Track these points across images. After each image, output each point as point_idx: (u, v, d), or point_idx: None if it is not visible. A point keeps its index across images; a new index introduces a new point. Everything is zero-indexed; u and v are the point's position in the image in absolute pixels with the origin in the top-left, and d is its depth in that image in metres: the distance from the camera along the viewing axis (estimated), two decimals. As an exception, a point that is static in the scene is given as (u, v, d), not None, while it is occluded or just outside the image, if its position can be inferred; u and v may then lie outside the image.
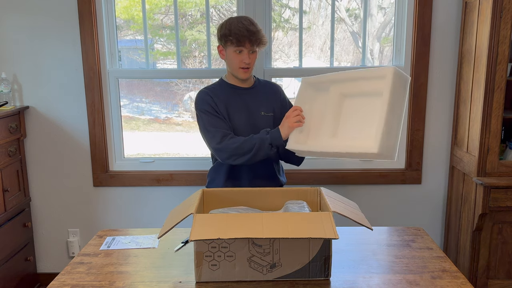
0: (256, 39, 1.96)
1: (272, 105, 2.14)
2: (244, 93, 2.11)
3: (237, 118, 2.07)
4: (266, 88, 2.17)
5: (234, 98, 2.08)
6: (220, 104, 2.06)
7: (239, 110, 2.08)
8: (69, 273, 1.58)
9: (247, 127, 2.07)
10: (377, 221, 2.89)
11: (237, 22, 1.96)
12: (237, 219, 1.48)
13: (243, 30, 1.94)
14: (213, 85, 2.15)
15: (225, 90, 2.10)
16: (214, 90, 2.10)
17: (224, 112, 2.06)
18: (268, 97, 2.15)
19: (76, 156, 2.87)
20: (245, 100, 2.09)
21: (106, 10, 2.74)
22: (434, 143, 2.83)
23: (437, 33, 2.69)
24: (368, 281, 1.51)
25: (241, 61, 1.99)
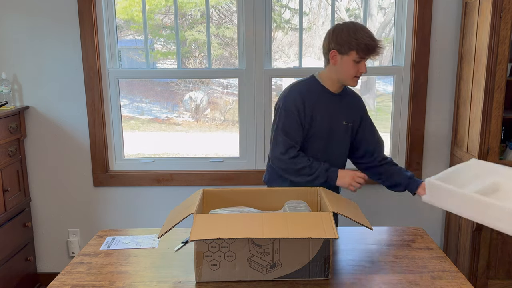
0: (379, 51, 1.93)
1: (353, 116, 2.09)
2: (333, 98, 2.04)
3: (320, 122, 2.01)
4: (351, 97, 2.13)
5: (322, 102, 2.02)
6: (308, 107, 1.99)
7: (324, 114, 2.01)
8: (69, 273, 1.58)
9: (326, 133, 2.03)
10: (377, 221, 2.88)
11: (362, 32, 1.90)
12: (237, 219, 1.48)
13: (374, 44, 1.90)
14: (307, 82, 2.05)
15: (316, 91, 2.02)
16: (307, 89, 2.02)
17: (309, 114, 1.99)
18: (352, 107, 2.10)
19: (76, 156, 2.87)
20: (331, 106, 2.03)
21: (106, 10, 2.74)
22: (434, 143, 2.83)
23: (437, 33, 2.69)
24: (368, 281, 1.51)
25: (358, 70, 1.94)
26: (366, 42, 1.89)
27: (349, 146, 2.14)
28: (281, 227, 1.41)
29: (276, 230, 1.40)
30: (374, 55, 1.94)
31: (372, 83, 3.27)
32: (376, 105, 3.29)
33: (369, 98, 3.33)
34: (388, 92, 3.02)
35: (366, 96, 3.36)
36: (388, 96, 3.00)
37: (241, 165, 2.91)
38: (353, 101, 2.13)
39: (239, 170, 2.89)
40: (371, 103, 3.31)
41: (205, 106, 3.24)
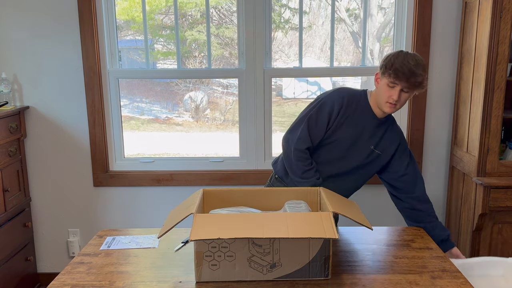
0: (413, 82, 1.84)
1: (386, 147, 2.02)
2: (371, 121, 2.00)
3: (346, 133, 1.98)
4: (391, 128, 2.05)
5: (360, 118, 1.99)
6: (344, 114, 1.97)
7: (353, 129, 1.98)
8: (69, 273, 1.58)
9: (350, 148, 1.99)
10: (377, 221, 2.88)
11: (404, 58, 1.85)
12: (237, 219, 1.48)
13: (405, 68, 1.83)
14: (356, 93, 2.03)
15: (359, 106, 2.00)
16: (354, 98, 2.00)
17: (339, 122, 1.97)
18: (388, 137, 2.03)
19: (76, 156, 2.87)
20: (367, 127, 1.99)
21: (106, 10, 2.74)
22: (434, 143, 2.83)
23: (437, 33, 2.69)
24: (368, 281, 1.51)
25: (390, 96, 1.88)
26: (398, 67, 1.83)
27: (368, 176, 2.08)
28: (281, 227, 1.41)
29: (276, 230, 1.40)
30: (409, 85, 1.85)
31: (372, 83, 3.27)
32: (376, 105, 3.29)
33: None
34: (388, 92, 3.01)
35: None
36: (388, 96, 3.00)
37: (241, 165, 2.91)
38: (392, 133, 2.04)
39: (239, 170, 2.89)
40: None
41: (205, 106, 3.24)
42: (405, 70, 1.83)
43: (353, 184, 2.10)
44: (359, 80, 3.29)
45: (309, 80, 3.14)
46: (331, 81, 3.41)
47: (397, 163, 2.03)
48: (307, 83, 3.28)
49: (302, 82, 3.24)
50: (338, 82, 3.41)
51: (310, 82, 3.22)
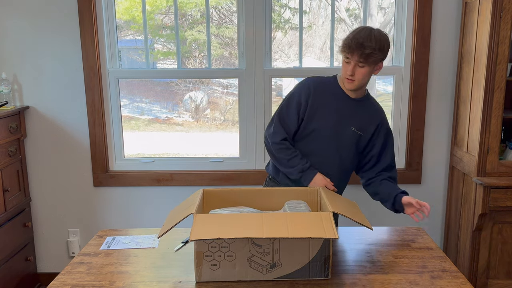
0: (363, 54, 1.85)
1: (366, 127, 2.03)
2: (346, 101, 2.01)
3: (324, 121, 2.00)
4: (370, 107, 2.06)
5: (333, 101, 2.01)
6: (315, 102, 1.99)
7: (331, 115, 2.00)
8: (69, 273, 1.58)
9: (331, 133, 2.00)
10: (377, 221, 2.88)
11: (356, 33, 1.87)
12: (237, 219, 1.48)
13: (354, 41, 1.85)
14: (326, 79, 2.07)
15: (330, 89, 2.03)
16: (321, 85, 2.03)
17: (313, 110, 1.99)
18: (366, 117, 2.03)
19: (76, 156, 2.87)
20: (342, 109, 2.01)
21: (106, 10, 2.74)
22: (434, 143, 2.83)
23: (437, 33, 2.69)
24: (368, 281, 1.51)
25: (346, 71, 1.91)
26: (349, 41, 1.86)
27: (356, 157, 2.09)
28: (281, 227, 1.41)
29: (276, 230, 1.40)
30: (359, 58, 1.86)
31: (372, 83, 3.27)
32: (376, 105, 3.29)
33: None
34: (388, 92, 3.02)
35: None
36: (388, 96, 3.00)
37: (241, 165, 2.91)
38: (370, 112, 2.05)
39: (239, 170, 2.89)
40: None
41: (205, 106, 3.24)
42: (354, 43, 1.85)
43: (341, 168, 2.09)
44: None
45: (309, 80, 3.13)
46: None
47: (375, 143, 2.05)
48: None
49: (302, 82, 3.23)
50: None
51: (310, 82, 3.21)
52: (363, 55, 1.85)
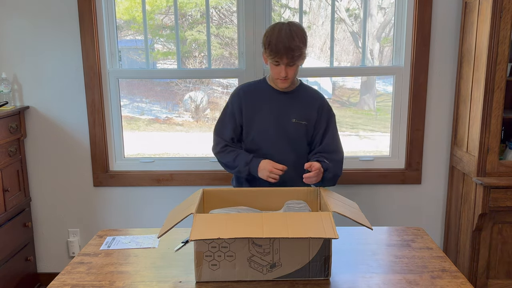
0: (292, 56, 1.90)
1: (307, 114, 2.07)
2: (280, 97, 2.06)
3: (263, 121, 2.05)
4: (306, 95, 2.10)
5: (267, 101, 2.06)
6: (248, 106, 2.06)
7: (268, 113, 2.05)
8: (69, 273, 1.58)
9: (274, 131, 2.05)
10: (377, 221, 2.88)
11: (277, 35, 1.89)
12: (237, 219, 1.48)
13: (280, 46, 1.88)
14: (255, 82, 2.15)
15: (261, 90, 2.09)
16: (250, 89, 2.10)
17: (248, 114, 2.06)
18: (305, 105, 2.07)
19: (76, 156, 2.87)
20: (278, 105, 2.06)
21: (106, 10, 2.74)
22: (434, 143, 2.83)
23: (437, 33, 2.69)
24: (368, 281, 1.51)
25: (278, 73, 1.96)
26: (275, 46, 1.88)
27: (307, 145, 2.11)
28: (281, 227, 1.41)
29: (276, 230, 1.40)
30: (290, 61, 1.90)
31: (372, 83, 3.27)
32: (376, 105, 3.29)
33: (369, 98, 3.33)
34: (388, 92, 3.02)
35: (366, 96, 3.36)
36: (388, 96, 3.00)
37: (241, 165, 2.90)
38: (309, 100, 2.09)
39: (239, 170, 2.88)
40: (371, 103, 3.31)
41: (205, 106, 3.24)
42: (281, 47, 1.88)
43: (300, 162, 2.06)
44: (359, 80, 3.29)
45: (309, 80, 3.13)
46: (331, 81, 3.41)
47: (319, 127, 2.08)
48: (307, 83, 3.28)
49: (302, 82, 3.23)
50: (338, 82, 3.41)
51: (310, 82, 3.22)
52: (293, 57, 1.90)
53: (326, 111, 2.10)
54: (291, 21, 1.99)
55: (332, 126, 2.10)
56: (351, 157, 2.91)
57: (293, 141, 2.07)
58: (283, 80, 1.97)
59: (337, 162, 2.04)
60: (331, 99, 3.47)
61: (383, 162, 2.89)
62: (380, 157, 2.92)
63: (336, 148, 2.09)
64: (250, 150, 2.10)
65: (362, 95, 3.38)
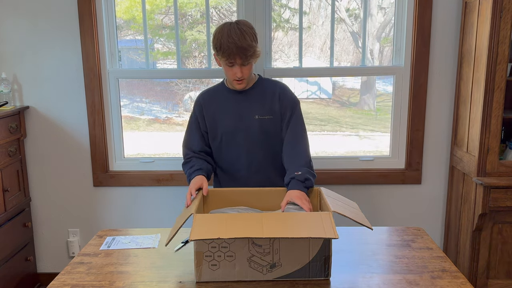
0: (246, 56, 1.87)
1: (270, 108, 2.03)
2: (239, 97, 2.06)
3: (227, 123, 2.05)
4: (265, 90, 2.06)
5: (227, 103, 2.06)
6: (209, 111, 2.07)
7: (230, 115, 2.05)
8: (69, 273, 1.58)
9: (238, 131, 2.04)
10: (377, 221, 2.89)
11: (228, 36, 1.86)
12: (237, 219, 1.48)
13: (232, 46, 1.85)
14: (213, 87, 2.16)
15: (221, 94, 2.09)
16: (209, 94, 2.11)
17: (211, 118, 2.07)
18: (266, 99, 2.04)
19: (76, 156, 2.87)
20: (239, 104, 2.05)
21: (106, 10, 2.74)
22: (434, 143, 2.83)
23: (437, 33, 2.69)
24: (368, 281, 1.51)
25: (233, 74, 1.93)
26: (226, 48, 1.85)
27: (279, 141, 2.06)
28: (281, 227, 1.41)
29: (276, 230, 1.40)
30: (243, 60, 1.87)
31: (372, 83, 3.27)
32: (376, 105, 3.29)
33: (369, 98, 3.33)
34: (388, 92, 3.02)
35: (366, 96, 3.36)
36: (388, 96, 3.00)
37: (241, 165, 2.91)
38: (268, 94, 2.04)
39: (239, 170, 2.89)
40: (371, 103, 3.31)
41: (205, 106, 3.24)
42: (234, 48, 1.85)
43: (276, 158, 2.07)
44: (359, 80, 3.29)
45: (309, 80, 3.14)
46: (331, 81, 3.41)
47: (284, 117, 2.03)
48: (307, 83, 3.28)
49: (302, 82, 3.24)
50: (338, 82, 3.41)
51: (310, 82, 3.22)
52: (246, 57, 1.88)
53: (287, 100, 2.04)
54: (239, 20, 1.96)
55: (296, 115, 2.03)
56: (351, 157, 2.91)
57: (262, 138, 2.04)
58: (239, 81, 1.95)
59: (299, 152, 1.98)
60: (331, 99, 3.47)
61: (383, 162, 2.89)
62: (380, 157, 2.92)
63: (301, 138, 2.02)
64: (219, 155, 2.10)
65: (362, 95, 3.38)
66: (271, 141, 2.06)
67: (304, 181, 1.83)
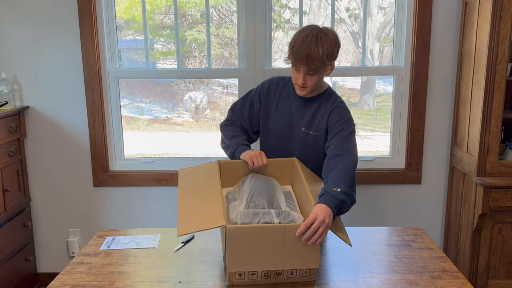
0: (311, 66, 1.75)
1: (318, 125, 1.90)
2: (297, 102, 1.95)
3: (276, 122, 1.97)
4: (323, 104, 1.92)
5: (286, 102, 1.97)
6: (268, 101, 1.99)
7: (283, 116, 1.96)
8: (69, 273, 1.58)
9: (281, 136, 1.96)
10: (377, 221, 2.89)
11: (302, 40, 1.74)
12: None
13: (302, 52, 1.74)
14: (286, 78, 2.01)
15: (286, 89, 1.98)
16: (280, 85, 2.00)
17: (269, 108, 1.98)
18: (318, 114, 1.91)
19: (76, 156, 2.87)
20: (293, 109, 1.95)
21: (106, 10, 2.74)
22: (434, 143, 2.83)
23: (437, 33, 2.69)
24: (368, 281, 1.51)
25: (296, 78, 1.83)
26: (296, 52, 1.75)
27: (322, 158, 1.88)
28: None
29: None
30: (309, 69, 1.76)
31: (372, 83, 3.27)
32: (376, 105, 3.29)
33: (369, 98, 3.33)
34: (388, 92, 3.02)
35: (366, 96, 3.36)
36: (388, 96, 3.00)
37: (241, 165, 2.90)
38: (323, 109, 1.91)
39: (239, 170, 2.88)
40: (371, 103, 3.31)
41: (205, 106, 3.25)
42: (302, 54, 1.74)
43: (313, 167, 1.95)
44: (359, 80, 3.29)
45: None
46: (331, 81, 3.41)
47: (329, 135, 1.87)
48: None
49: (302, 82, 3.22)
50: (338, 82, 3.41)
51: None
52: (311, 67, 1.76)
53: (342, 121, 1.85)
54: (326, 28, 1.81)
55: (345, 134, 1.82)
56: (351, 157, 2.90)
57: (300, 150, 1.94)
58: (300, 88, 1.85)
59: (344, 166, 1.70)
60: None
61: (383, 162, 2.89)
62: (380, 157, 2.92)
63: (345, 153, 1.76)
64: (262, 143, 2.05)
65: (362, 95, 3.38)
66: (309, 156, 1.93)
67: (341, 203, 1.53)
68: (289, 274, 1.47)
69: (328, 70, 1.83)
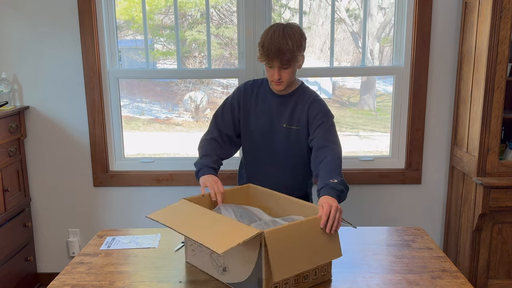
0: (283, 60, 1.81)
1: (299, 119, 1.95)
2: (275, 99, 1.99)
3: (255, 123, 2.01)
4: (300, 99, 1.97)
5: (264, 102, 2.01)
6: (246, 104, 2.02)
7: (263, 115, 2.00)
8: (69, 273, 1.58)
9: (265, 133, 2.00)
10: (377, 221, 2.89)
11: (271, 37, 1.81)
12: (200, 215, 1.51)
13: (272, 48, 1.80)
14: (259, 80, 2.07)
15: (261, 90, 2.03)
16: (254, 87, 2.04)
17: (247, 110, 2.02)
18: (296, 109, 1.96)
19: (76, 156, 2.87)
20: (272, 107, 1.99)
21: (106, 10, 2.74)
22: (434, 143, 2.83)
23: (437, 33, 2.69)
24: (368, 281, 1.51)
25: (271, 75, 1.88)
26: (267, 48, 1.80)
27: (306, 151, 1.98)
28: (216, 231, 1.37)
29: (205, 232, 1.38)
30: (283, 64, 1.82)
31: (372, 83, 3.28)
32: (376, 105, 3.30)
33: (369, 98, 3.33)
34: (388, 92, 3.02)
35: (366, 96, 3.36)
36: (388, 96, 3.01)
37: (241, 165, 2.91)
38: (301, 103, 1.96)
39: (239, 170, 2.89)
40: (371, 103, 3.31)
41: (205, 106, 3.25)
42: (273, 50, 1.81)
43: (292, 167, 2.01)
44: (359, 80, 3.30)
45: (309, 80, 3.14)
46: (331, 81, 3.42)
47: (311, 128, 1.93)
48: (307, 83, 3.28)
49: (302, 82, 3.23)
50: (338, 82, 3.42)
51: (310, 82, 3.22)
52: (283, 61, 1.82)
53: (321, 114, 1.93)
54: (290, 23, 1.90)
55: (325, 125, 1.90)
56: (351, 157, 2.91)
57: (284, 146, 1.99)
58: (277, 83, 1.90)
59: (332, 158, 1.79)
60: (331, 99, 3.47)
61: (383, 162, 2.89)
62: (380, 157, 2.92)
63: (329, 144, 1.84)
64: (245, 146, 2.06)
65: (362, 95, 3.39)
66: (294, 151, 1.99)
67: (340, 192, 1.66)
68: (313, 276, 1.46)
69: (300, 61, 1.91)
